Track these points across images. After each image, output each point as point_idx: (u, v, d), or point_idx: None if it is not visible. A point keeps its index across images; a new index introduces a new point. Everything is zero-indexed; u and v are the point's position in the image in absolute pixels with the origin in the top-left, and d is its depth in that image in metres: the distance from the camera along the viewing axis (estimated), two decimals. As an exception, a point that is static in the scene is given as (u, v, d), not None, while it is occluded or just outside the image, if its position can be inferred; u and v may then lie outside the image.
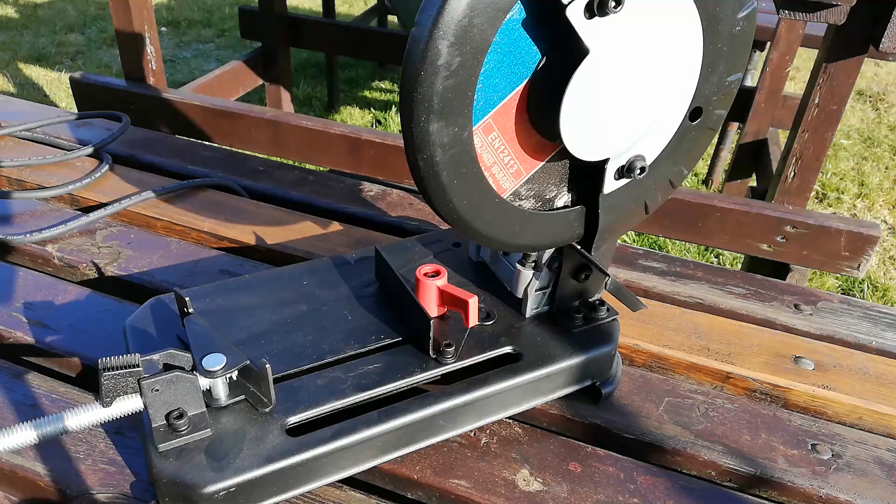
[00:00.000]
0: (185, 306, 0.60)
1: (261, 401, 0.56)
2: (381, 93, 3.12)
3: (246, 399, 0.57)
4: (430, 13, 0.43)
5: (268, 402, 0.56)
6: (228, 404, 0.56)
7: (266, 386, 0.55)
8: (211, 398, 0.56)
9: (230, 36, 3.56)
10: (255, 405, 0.56)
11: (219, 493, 0.52)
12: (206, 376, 0.53)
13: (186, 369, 0.52)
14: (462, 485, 0.59)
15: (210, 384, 0.55)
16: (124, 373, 0.50)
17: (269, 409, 0.56)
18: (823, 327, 0.82)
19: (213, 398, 0.56)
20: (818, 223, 1.12)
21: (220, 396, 0.56)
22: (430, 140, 0.48)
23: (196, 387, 0.53)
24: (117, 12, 1.37)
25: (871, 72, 3.42)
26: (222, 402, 0.56)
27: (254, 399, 0.56)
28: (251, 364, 0.54)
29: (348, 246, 0.88)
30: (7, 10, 3.75)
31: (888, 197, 2.47)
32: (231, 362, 0.53)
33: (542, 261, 0.66)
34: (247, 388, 0.56)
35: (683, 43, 0.52)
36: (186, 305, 0.59)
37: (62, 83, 2.97)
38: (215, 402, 0.56)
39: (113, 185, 0.98)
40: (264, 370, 0.54)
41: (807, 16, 0.93)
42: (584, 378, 0.66)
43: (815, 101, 1.09)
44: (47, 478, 0.57)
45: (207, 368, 0.53)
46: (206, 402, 0.55)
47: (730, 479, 0.64)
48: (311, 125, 1.34)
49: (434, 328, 0.60)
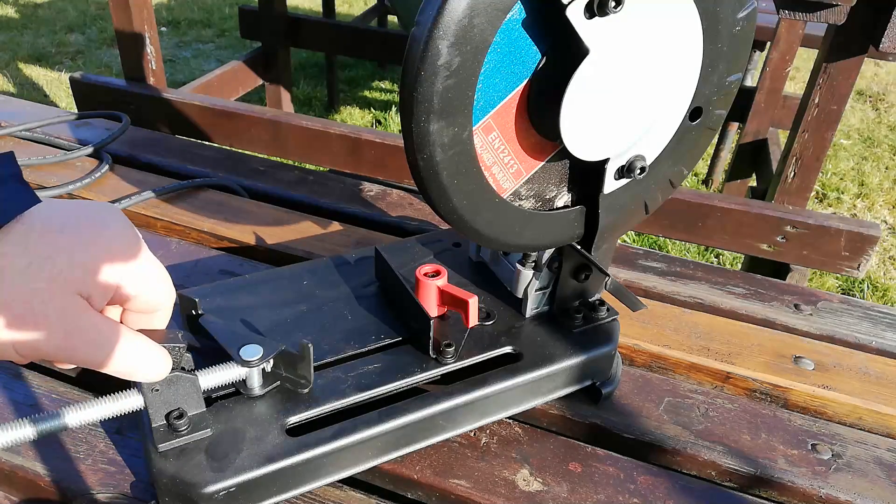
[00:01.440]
0: (194, 308, 0.60)
1: (299, 383, 0.57)
2: (381, 93, 3.12)
3: (283, 384, 0.58)
4: (430, 13, 0.43)
5: (307, 382, 0.57)
6: (263, 394, 0.57)
7: (305, 367, 0.56)
8: (245, 388, 0.57)
9: (230, 36, 3.57)
10: (293, 388, 0.58)
11: (219, 493, 0.52)
12: (246, 366, 0.54)
13: (187, 369, 0.52)
14: (462, 485, 0.59)
15: (246, 374, 0.56)
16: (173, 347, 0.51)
17: (307, 389, 0.57)
18: (823, 327, 0.82)
19: (248, 388, 0.57)
20: (818, 223, 1.12)
21: (255, 386, 0.57)
22: (430, 140, 0.48)
23: (196, 387, 0.53)
24: (117, 12, 1.37)
25: (871, 72, 3.42)
26: (256, 392, 0.57)
27: (291, 383, 0.58)
28: (288, 348, 0.56)
29: (348, 246, 0.88)
30: (7, 10, 3.75)
31: (888, 197, 2.47)
32: (268, 351, 0.55)
33: (542, 261, 0.66)
34: (279, 374, 0.58)
35: (683, 43, 0.52)
36: (196, 307, 0.60)
37: (62, 83, 2.97)
38: (249, 391, 0.57)
39: (113, 185, 0.98)
40: (305, 350, 0.55)
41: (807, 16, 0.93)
42: (584, 378, 0.66)
43: (815, 101, 1.09)
44: (47, 478, 0.57)
45: (246, 359, 0.54)
46: (240, 391, 0.57)
47: (730, 479, 0.64)
48: (311, 125, 1.34)
49: (434, 328, 0.60)
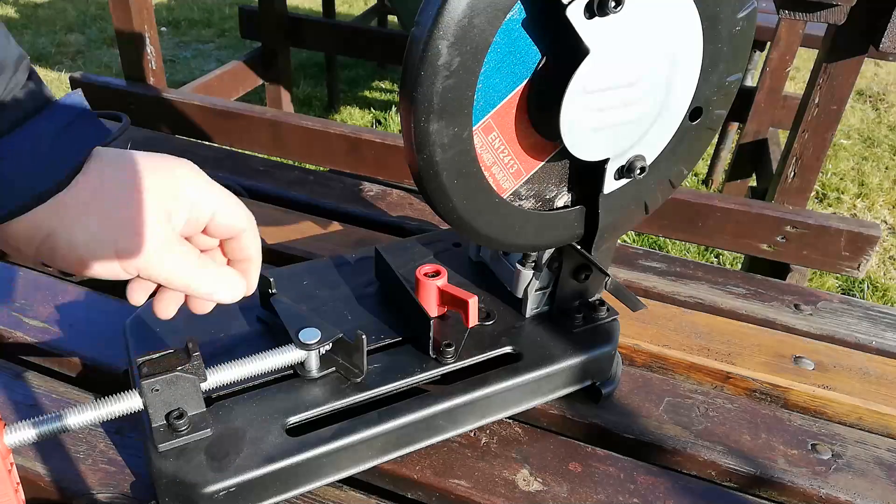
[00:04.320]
0: (268, 286, 0.62)
1: (352, 372, 0.59)
2: (381, 93, 3.12)
3: (337, 371, 0.59)
4: (430, 13, 0.43)
5: (359, 372, 0.58)
6: (320, 376, 0.59)
7: (359, 357, 0.58)
8: (304, 370, 0.59)
9: (230, 36, 3.57)
10: (346, 376, 0.59)
11: (219, 493, 0.52)
12: (303, 349, 0.57)
13: (187, 369, 0.52)
14: (462, 485, 0.59)
15: (305, 356, 0.58)
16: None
17: (360, 378, 0.58)
18: (823, 327, 0.82)
19: (306, 370, 0.59)
20: (818, 223, 1.12)
21: (312, 368, 0.59)
22: (430, 140, 0.48)
23: (196, 387, 0.53)
24: (117, 12, 1.37)
25: (871, 72, 3.42)
26: (314, 374, 0.59)
27: (345, 371, 0.59)
28: (343, 337, 0.58)
29: (348, 246, 0.88)
30: (7, 10, 3.75)
31: (888, 197, 2.47)
32: (326, 336, 0.57)
33: (542, 261, 0.66)
34: (336, 360, 0.59)
35: (683, 43, 0.52)
36: (270, 286, 0.62)
37: (62, 83, 2.97)
38: (307, 373, 0.59)
39: (113, 185, 0.98)
40: (359, 341, 0.57)
41: (807, 16, 0.93)
42: (584, 378, 0.66)
43: (815, 101, 1.09)
44: (47, 478, 0.57)
45: (304, 341, 0.57)
46: (298, 373, 0.59)
47: (730, 479, 0.64)
48: (311, 125, 1.33)
49: (434, 328, 0.60)
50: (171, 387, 0.52)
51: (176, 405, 0.53)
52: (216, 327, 0.63)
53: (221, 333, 0.63)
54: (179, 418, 0.53)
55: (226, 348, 0.61)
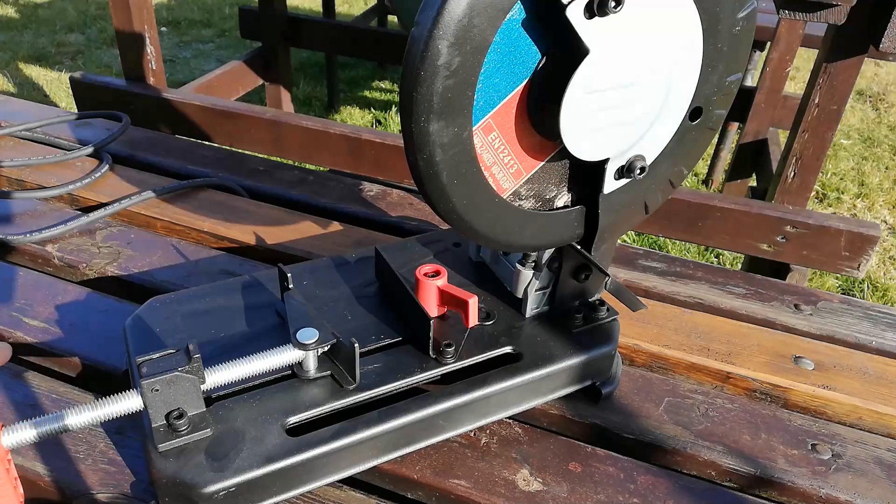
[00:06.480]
0: (285, 281, 0.62)
1: (346, 378, 0.59)
2: (381, 93, 3.12)
3: (331, 375, 0.59)
4: (430, 13, 0.43)
5: (352, 380, 0.58)
6: (316, 378, 0.59)
7: (352, 365, 0.58)
8: (301, 370, 0.59)
9: (230, 36, 3.56)
10: (339, 382, 0.59)
11: (219, 493, 0.52)
12: (300, 349, 0.57)
13: (187, 369, 0.52)
14: (462, 485, 0.59)
15: (303, 356, 0.58)
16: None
17: (353, 386, 0.58)
18: (823, 327, 0.82)
19: (304, 370, 0.59)
20: (818, 223, 1.12)
21: (310, 369, 0.59)
22: (430, 140, 0.48)
23: (196, 387, 0.53)
24: (117, 12, 1.37)
25: (871, 72, 3.42)
26: (311, 375, 0.59)
27: (339, 376, 0.59)
28: (340, 342, 0.57)
29: (348, 246, 0.88)
30: (7, 10, 3.75)
31: (888, 197, 2.47)
32: (322, 338, 0.57)
33: (542, 261, 0.66)
34: (334, 365, 0.59)
35: (683, 43, 0.52)
36: (287, 280, 0.62)
37: (62, 83, 2.97)
38: (305, 373, 0.59)
39: (113, 185, 0.98)
40: (352, 349, 0.56)
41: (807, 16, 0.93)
42: (584, 378, 0.66)
43: (815, 101, 1.09)
44: (47, 478, 0.57)
45: (300, 341, 0.57)
46: (295, 372, 0.59)
47: (730, 479, 0.64)
48: (311, 125, 1.33)
49: (434, 328, 0.60)
50: (170, 387, 0.52)
51: (176, 405, 0.53)
52: (216, 327, 0.63)
53: (222, 333, 0.63)
54: (179, 418, 0.53)
55: (226, 348, 0.61)
